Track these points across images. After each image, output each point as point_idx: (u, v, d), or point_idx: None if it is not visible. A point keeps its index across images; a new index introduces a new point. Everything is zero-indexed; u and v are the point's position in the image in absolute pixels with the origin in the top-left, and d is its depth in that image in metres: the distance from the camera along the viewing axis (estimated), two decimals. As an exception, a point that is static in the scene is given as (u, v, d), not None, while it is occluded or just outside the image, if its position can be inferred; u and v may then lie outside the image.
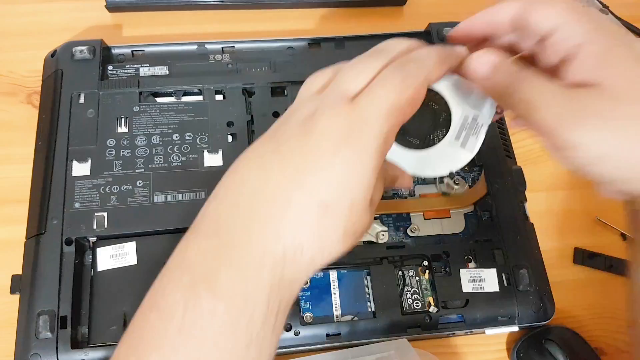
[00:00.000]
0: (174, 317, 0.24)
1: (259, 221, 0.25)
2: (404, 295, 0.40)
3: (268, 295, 0.24)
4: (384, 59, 0.29)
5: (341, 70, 0.29)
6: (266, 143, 0.27)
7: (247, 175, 0.27)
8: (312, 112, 0.27)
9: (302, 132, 0.26)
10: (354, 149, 0.26)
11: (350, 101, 0.27)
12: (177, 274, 0.25)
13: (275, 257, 0.25)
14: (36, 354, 0.36)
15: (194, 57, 0.48)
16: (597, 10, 0.30)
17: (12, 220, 0.43)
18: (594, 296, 0.44)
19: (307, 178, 0.25)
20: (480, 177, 0.44)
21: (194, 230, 0.26)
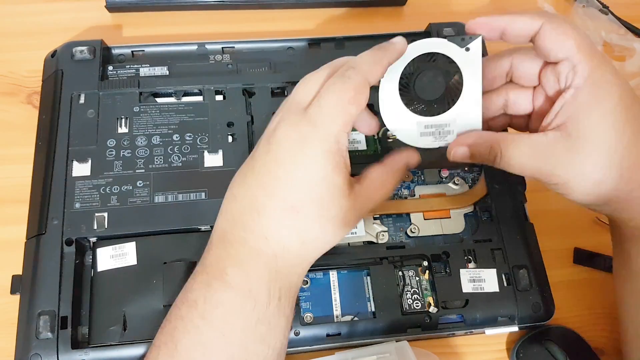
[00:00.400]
0: (197, 307, 0.30)
1: (249, 230, 0.31)
2: (404, 295, 0.40)
3: (267, 284, 0.30)
4: (328, 71, 0.34)
5: (299, 83, 0.34)
6: (248, 162, 0.33)
7: (236, 193, 0.33)
8: (274, 127, 0.32)
9: (266, 149, 0.32)
10: (307, 153, 0.31)
11: (302, 110, 0.32)
12: (198, 276, 0.31)
13: (267, 256, 0.31)
14: (37, 354, 0.36)
15: (194, 57, 0.48)
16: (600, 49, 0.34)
17: (12, 221, 0.43)
18: (594, 296, 0.44)
19: (275, 188, 0.31)
20: (480, 177, 0.44)
21: (210, 241, 0.33)
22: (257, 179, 0.32)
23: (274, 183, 0.31)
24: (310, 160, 0.31)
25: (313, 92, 0.33)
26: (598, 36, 0.54)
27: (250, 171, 0.33)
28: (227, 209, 0.33)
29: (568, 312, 0.43)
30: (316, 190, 0.31)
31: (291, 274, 0.32)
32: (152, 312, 0.38)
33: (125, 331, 0.37)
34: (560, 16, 0.34)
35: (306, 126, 0.31)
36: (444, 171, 0.44)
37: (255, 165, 0.32)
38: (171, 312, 0.31)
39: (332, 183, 0.31)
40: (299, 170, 0.31)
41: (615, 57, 0.54)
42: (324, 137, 0.31)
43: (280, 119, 0.32)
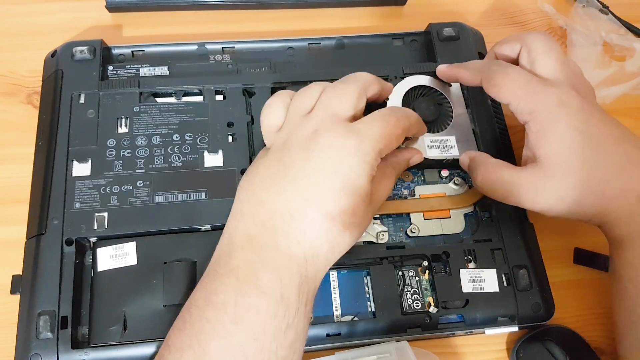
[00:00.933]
0: (227, 311, 0.29)
1: (282, 235, 0.31)
2: (404, 295, 0.40)
3: (298, 290, 0.31)
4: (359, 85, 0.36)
5: (325, 92, 0.35)
6: (274, 167, 0.33)
7: (265, 198, 0.32)
8: (311, 134, 0.33)
9: (305, 153, 0.32)
10: (350, 163, 0.32)
11: (347, 122, 0.34)
12: (225, 279, 0.31)
13: (299, 261, 0.31)
14: (37, 354, 0.36)
15: (194, 57, 0.48)
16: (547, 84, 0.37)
17: (12, 221, 0.43)
18: (594, 296, 0.44)
19: (314, 194, 0.31)
20: (480, 177, 0.44)
21: (231, 243, 0.32)
22: (293, 185, 0.32)
23: (313, 189, 0.31)
24: (352, 171, 0.32)
25: (350, 104, 0.34)
26: (598, 36, 0.54)
27: (282, 177, 0.33)
28: (252, 212, 0.33)
29: (568, 312, 0.43)
30: (352, 199, 0.32)
31: (316, 278, 0.32)
32: (152, 312, 0.38)
33: (125, 331, 0.37)
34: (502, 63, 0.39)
35: (353, 138, 0.32)
36: (444, 171, 0.44)
37: (289, 172, 0.32)
38: (191, 314, 0.31)
39: (366, 193, 0.33)
40: (339, 179, 0.32)
41: (615, 57, 0.54)
42: (368, 151, 0.32)
43: (319, 126, 0.33)
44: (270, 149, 0.35)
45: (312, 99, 0.35)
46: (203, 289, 0.32)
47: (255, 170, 0.34)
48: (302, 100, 0.36)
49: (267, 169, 0.34)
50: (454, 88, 0.47)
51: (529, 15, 0.57)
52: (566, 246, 0.46)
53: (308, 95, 0.36)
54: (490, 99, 0.47)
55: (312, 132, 0.33)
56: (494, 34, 0.53)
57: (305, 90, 0.36)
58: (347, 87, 0.36)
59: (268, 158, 0.34)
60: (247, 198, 0.34)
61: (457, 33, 0.49)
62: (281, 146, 0.34)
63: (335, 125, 0.33)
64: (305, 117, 0.35)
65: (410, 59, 0.50)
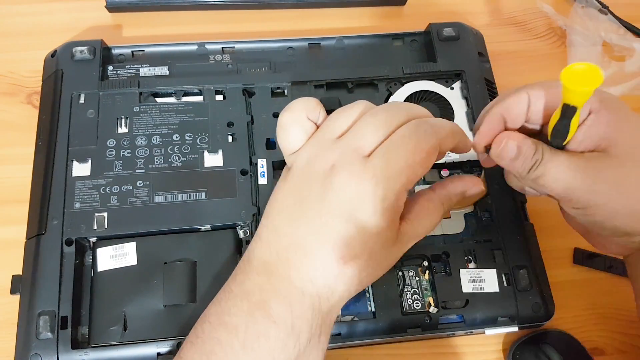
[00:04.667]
0: (238, 335, 0.29)
1: (295, 270, 0.30)
2: (404, 295, 0.40)
3: (310, 322, 0.30)
4: (401, 117, 0.32)
5: (362, 120, 0.32)
6: (292, 196, 0.31)
7: (280, 226, 0.31)
8: (330, 167, 0.30)
9: (321, 190, 0.30)
10: (365, 208, 0.29)
11: (365, 159, 0.30)
12: (238, 301, 0.30)
13: (312, 296, 0.30)
14: (37, 354, 0.36)
15: (194, 57, 0.48)
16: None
17: (12, 221, 0.43)
18: (594, 296, 0.44)
19: (327, 237, 0.30)
20: (480, 177, 0.44)
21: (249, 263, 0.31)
22: (306, 221, 0.30)
23: (325, 230, 0.30)
24: (366, 216, 0.29)
25: (380, 137, 0.31)
26: (598, 36, 0.54)
27: (298, 209, 0.31)
28: (269, 239, 0.31)
29: (568, 312, 0.43)
30: (369, 244, 0.30)
31: (332, 312, 0.31)
32: (153, 312, 0.38)
33: (125, 331, 0.37)
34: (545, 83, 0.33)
35: (369, 180, 0.29)
36: (444, 171, 0.44)
37: (304, 205, 0.31)
38: (204, 330, 0.30)
39: (385, 238, 0.30)
40: (352, 226, 0.30)
41: (615, 57, 0.54)
42: (385, 195, 0.29)
43: (338, 160, 0.30)
44: (291, 171, 0.33)
45: (347, 122, 0.32)
46: (217, 304, 0.31)
47: (276, 196, 0.33)
48: (336, 122, 0.32)
49: (285, 197, 0.32)
50: (454, 90, 0.47)
51: (529, 15, 0.57)
52: (566, 246, 0.46)
53: (344, 116, 0.32)
54: (490, 99, 0.47)
55: (330, 167, 0.30)
56: (494, 34, 0.53)
57: (345, 110, 0.33)
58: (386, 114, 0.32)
59: (288, 183, 0.32)
60: (266, 223, 0.32)
61: (457, 33, 0.49)
62: (301, 171, 0.32)
63: (353, 163, 0.30)
64: (333, 142, 0.32)
65: (410, 59, 0.50)
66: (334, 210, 0.30)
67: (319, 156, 0.31)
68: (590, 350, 0.41)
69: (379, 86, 0.47)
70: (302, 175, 0.32)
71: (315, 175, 0.31)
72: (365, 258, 0.30)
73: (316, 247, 0.30)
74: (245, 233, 0.41)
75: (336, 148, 0.31)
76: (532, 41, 0.55)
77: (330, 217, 0.30)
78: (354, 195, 0.29)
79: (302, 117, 0.32)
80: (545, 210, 0.44)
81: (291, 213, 0.31)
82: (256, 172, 0.42)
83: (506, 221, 0.42)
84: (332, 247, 0.30)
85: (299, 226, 0.30)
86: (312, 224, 0.30)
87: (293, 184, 0.32)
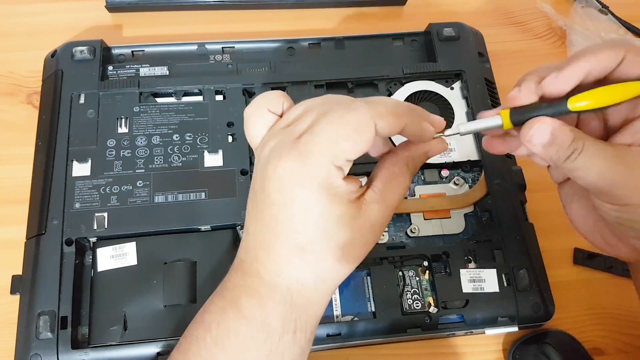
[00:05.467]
0: (211, 332, 0.29)
1: (262, 264, 0.30)
2: (404, 295, 0.40)
3: (282, 317, 0.29)
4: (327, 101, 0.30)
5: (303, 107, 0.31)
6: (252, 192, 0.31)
7: (248, 226, 0.31)
8: (266, 157, 0.29)
9: (261, 185, 0.29)
10: (298, 191, 0.28)
11: (294, 140, 0.29)
12: (216, 298, 0.31)
13: (282, 290, 0.29)
14: (37, 354, 0.36)
15: (194, 57, 0.48)
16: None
17: (12, 221, 0.43)
18: (593, 296, 0.44)
19: (276, 227, 0.29)
20: (480, 177, 0.44)
21: (232, 265, 0.32)
22: (260, 217, 0.30)
23: (274, 222, 0.29)
24: (304, 198, 0.28)
25: (308, 119, 0.29)
26: (597, 36, 0.54)
27: (254, 207, 0.31)
28: (244, 239, 0.31)
29: (568, 312, 0.43)
30: (318, 226, 0.29)
31: (309, 306, 0.30)
32: (153, 312, 0.38)
33: (125, 331, 0.37)
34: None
35: (295, 161, 0.28)
36: (444, 171, 0.44)
37: (257, 201, 0.30)
38: (189, 328, 0.31)
39: (333, 215, 0.29)
40: (294, 208, 0.29)
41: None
42: (314, 173, 0.28)
43: (271, 149, 0.29)
44: (254, 166, 0.32)
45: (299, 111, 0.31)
46: (204, 304, 0.31)
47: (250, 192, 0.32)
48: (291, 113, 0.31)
49: (252, 193, 0.31)
50: (454, 90, 0.47)
51: (529, 15, 0.57)
52: (566, 246, 0.46)
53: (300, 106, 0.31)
54: (490, 99, 0.47)
55: (267, 154, 0.29)
56: (494, 34, 0.53)
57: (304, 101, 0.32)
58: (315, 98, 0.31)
59: (254, 177, 0.31)
60: (245, 222, 0.32)
61: (457, 33, 0.49)
62: (257, 164, 0.31)
63: (283, 146, 0.29)
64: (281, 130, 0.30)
65: (410, 59, 0.50)
66: (273, 200, 0.29)
67: (266, 146, 0.30)
68: (590, 350, 0.41)
69: (379, 86, 0.47)
70: (256, 169, 0.31)
71: (259, 168, 0.30)
72: (321, 242, 0.29)
73: (272, 239, 0.29)
74: (245, 233, 0.41)
75: (280, 135, 0.30)
76: (532, 41, 0.55)
77: (271, 207, 0.29)
78: (284, 180, 0.28)
79: (262, 110, 0.31)
80: (545, 210, 0.45)
81: (251, 210, 0.31)
82: (256, 172, 0.42)
83: (506, 221, 0.42)
84: (285, 236, 0.29)
85: (257, 222, 0.30)
86: (263, 219, 0.30)
87: (253, 179, 0.31)
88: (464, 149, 0.45)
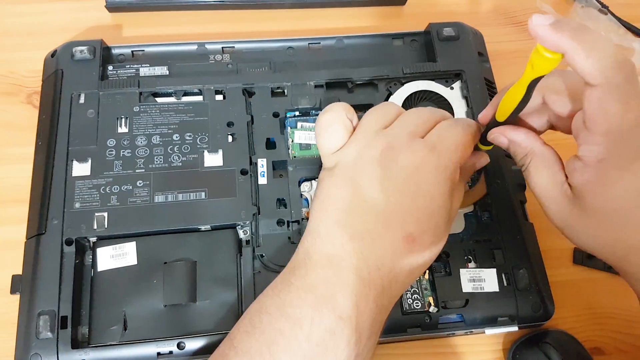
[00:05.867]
0: (303, 328, 0.29)
1: (362, 259, 0.30)
2: (404, 295, 0.40)
3: (372, 319, 0.30)
4: (438, 113, 0.35)
5: (407, 113, 0.34)
6: (348, 188, 0.31)
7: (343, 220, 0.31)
8: (386, 150, 0.32)
9: (382, 174, 0.31)
10: (431, 179, 0.31)
11: (421, 139, 0.32)
12: (301, 293, 0.30)
13: (377, 288, 0.30)
14: (36, 354, 0.36)
15: (194, 57, 0.48)
16: None
17: (12, 220, 0.43)
18: (593, 296, 0.44)
19: (395, 217, 0.30)
20: (480, 177, 0.44)
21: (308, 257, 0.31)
22: (371, 206, 0.30)
23: (393, 211, 0.30)
24: (434, 189, 0.31)
25: (425, 125, 0.33)
26: (598, 36, 0.54)
27: (358, 197, 0.31)
28: (330, 233, 0.31)
29: (568, 312, 0.43)
30: (435, 218, 0.31)
31: (390, 306, 0.31)
32: (153, 312, 0.38)
33: (125, 331, 0.37)
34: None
35: (431, 153, 0.31)
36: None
37: (365, 192, 0.31)
38: (262, 320, 0.30)
39: (447, 210, 0.31)
40: (421, 199, 0.30)
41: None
42: (446, 165, 0.31)
43: (396, 145, 0.32)
44: (337, 168, 0.33)
45: (387, 117, 0.34)
46: (276, 297, 0.31)
47: (326, 192, 0.33)
48: (379, 114, 0.34)
49: (339, 190, 0.32)
50: (454, 90, 0.47)
51: (529, 15, 0.56)
52: (566, 246, 0.46)
53: (383, 112, 0.34)
54: (490, 98, 0.47)
55: (387, 148, 0.32)
56: (494, 34, 0.53)
57: (382, 108, 0.35)
58: (426, 111, 0.35)
59: (338, 177, 0.32)
60: (323, 219, 0.32)
61: (457, 33, 0.49)
62: (351, 164, 0.32)
63: (412, 141, 0.32)
64: (379, 132, 0.33)
65: (410, 59, 0.50)
66: (400, 187, 0.30)
67: (368, 146, 0.32)
68: (590, 350, 0.41)
69: (379, 86, 0.47)
70: (355, 167, 0.32)
71: (372, 160, 0.32)
72: (431, 234, 0.31)
73: (383, 230, 0.30)
74: (245, 233, 0.41)
75: (387, 136, 0.33)
76: (532, 41, 0.54)
77: (396, 194, 0.30)
78: (419, 169, 0.31)
79: (343, 116, 0.34)
80: (545, 210, 0.44)
81: (350, 203, 0.31)
82: (256, 172, 0.42)
83: (506, 221, 0.42)
84: (400, 226, 0.30)
85: (363, 214, 0.30)
86: (377, 209, 0.30)
87: (345, 176, 0.32)
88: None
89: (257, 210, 0.41)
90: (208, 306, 0.38)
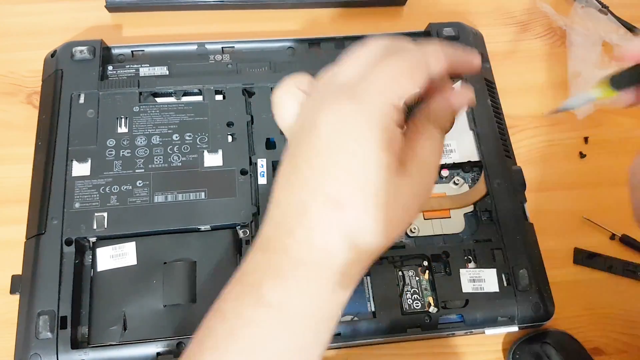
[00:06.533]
0: (226, 322, 0.26)
1: (292, 235, 0.26)
2: (404, 295, 0.40)
3: (308, 305, 0.26)
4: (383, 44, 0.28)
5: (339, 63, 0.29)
6: (287, 162, 0.28)
7: (279, 197, 0.28)
8: (314, 114, 0.27)
9: (307, 140, 0.27)
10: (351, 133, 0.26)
11: (345, 89, 0.27)
12: (233, 284, 0.27)
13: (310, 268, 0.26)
14: (36, 354, 0.36)
15: (194, 57, 0.48)
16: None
17: (12, 220, 0.43)
18: (593, 296, 0.44)
19: (317, 182, 0.26)
20: (480, 177, 0.44)
21: (253, 245, 0.28)
22: (299, 177, 0.27)
23: (316, 176, 0.26)
24: (354, 142, 0.26)
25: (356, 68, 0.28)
26: (597, 36, 0.54)
27: (292, 170, 0.28)
28: (270, 215, 0.28)
29: (568, 312, 0.43)
30: (362, 175, 0.25)
31: (336, 290, 0.27)
32: (152, 312, 0.38)
33: (125, 331, 0.37)
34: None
35: (349, 104, 0.26)
36: (444, 171, 0.44)
37: (297, 162, 0.27)
38: (205, 318, 0.28)
39: (381, 163, 0.25)
40: (341, 155, 0.26)
41: (615, 57, 0.54)
42: (370, 113, 0.26)
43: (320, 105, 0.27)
44: (287, 144, 0.30)
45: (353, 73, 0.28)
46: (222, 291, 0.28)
47: (278, 173, 0.29)
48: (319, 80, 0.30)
49: (282, 166, 0.28)
50: None
51: (529, 15, 0.57)
52: (566, 246, 0.46)
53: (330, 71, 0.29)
54: (490, 99, 0.47)
55: (314, 114, 0.27)
56: (494, 34, 0.53)
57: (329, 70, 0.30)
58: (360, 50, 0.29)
59: (285, 157, 0.29)
60: (271, 199, 0.28)
61: (457, 33, 0.49)
62: (294, 137, 0.29)
63: (333, 96, 0.27)
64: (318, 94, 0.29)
65: (410, 59, 0.50)
66: (319, 149, 0.26)
67: (304, 115, 0.29)
68: (590, 350, 0.41)
69: (379, 86, 0.47)
70: (294, 140, 0.28)
71: (304, 132, 0.28)
72: (362, 195, 0.25)
73: (309, 199, 0.26)
74: (245, 233, 0.41)
75: (319, 96, 0.28)
76: (532, 41, 0.55)
77: (316, 158, 0.26)
78: (335, 125, 0.26)
79: (292, 88, 0.30)
80: (545, 210, 0.45)
81: (288, 178, 0.28)
82: (256, 172, 0.42)
83: (506, 221, 0.42)
84: (324, 192, 0.26)
85: (294, 186, 0.27)
86: (303, 177, 0.27)
87: (288, 153, 0.28)
88: (464, 149, 0.45)
89: (257, 210, 0.41)
90: (208, 306, 0.38)
